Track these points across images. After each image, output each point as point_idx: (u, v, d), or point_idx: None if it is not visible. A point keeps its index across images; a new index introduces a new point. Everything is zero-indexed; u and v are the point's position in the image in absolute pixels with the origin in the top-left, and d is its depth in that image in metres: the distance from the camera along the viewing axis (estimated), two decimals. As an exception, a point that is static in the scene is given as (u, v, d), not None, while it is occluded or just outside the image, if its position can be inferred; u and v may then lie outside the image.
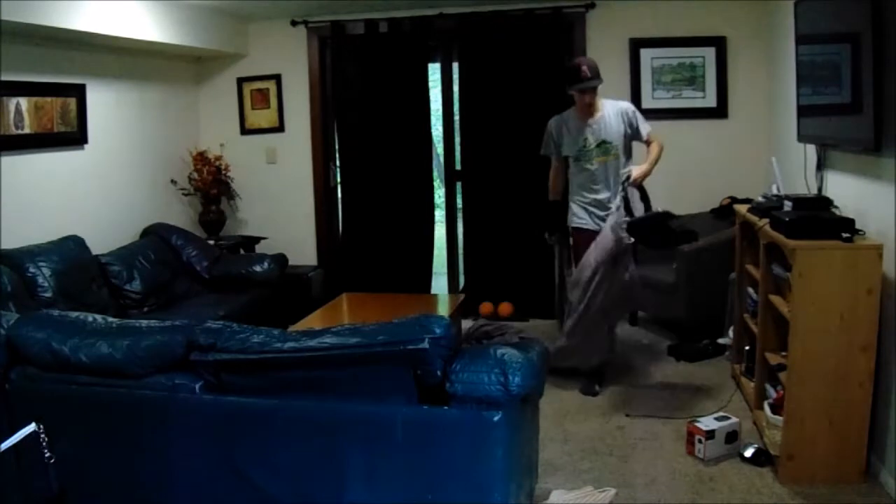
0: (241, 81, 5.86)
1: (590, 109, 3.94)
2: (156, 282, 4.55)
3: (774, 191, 3.70)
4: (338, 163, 5.87)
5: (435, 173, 6.19)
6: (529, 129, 5.33)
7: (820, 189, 3.57)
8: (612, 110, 3.96)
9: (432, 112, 5.80)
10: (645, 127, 3.97)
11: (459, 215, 5.82)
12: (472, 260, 5.67)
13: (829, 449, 2.89)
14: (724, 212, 4.85)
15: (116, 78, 4.91)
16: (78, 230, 4.31)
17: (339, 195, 5.91)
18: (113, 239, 4.68)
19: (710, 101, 5.22)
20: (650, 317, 5.18)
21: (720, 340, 4.49)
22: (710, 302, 4.57)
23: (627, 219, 3.70)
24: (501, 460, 2.22)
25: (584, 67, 3.84)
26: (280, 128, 5.86)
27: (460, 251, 5.80)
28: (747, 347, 3.83)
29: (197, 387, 2.38)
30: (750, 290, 3.88)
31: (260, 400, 2.33)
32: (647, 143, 3.98)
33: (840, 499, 2.81)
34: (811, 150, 3.68)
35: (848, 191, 3.26)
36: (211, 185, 5.58)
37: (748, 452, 3.13)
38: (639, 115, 4.01)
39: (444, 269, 5.94)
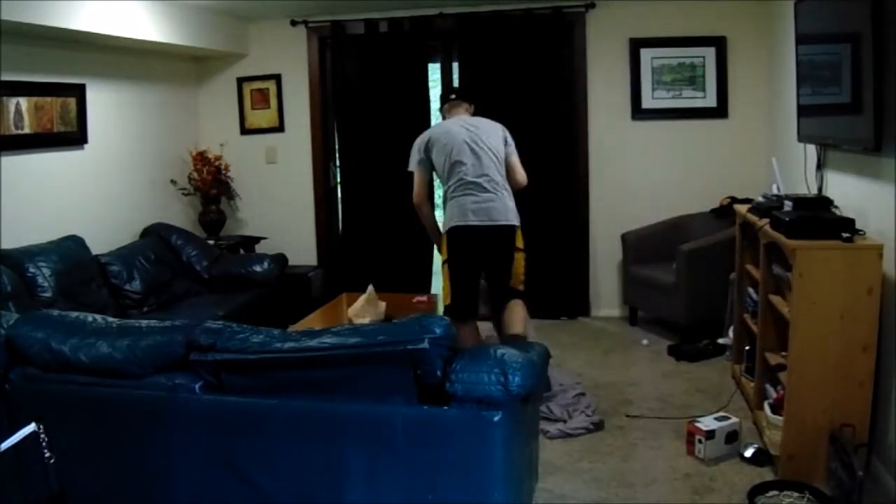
0: (241, 81, 5.86)
1: None
2: (156, 282, 4.55)
3: (774, 191, 3.70)
4: (338, 163, 5.87)
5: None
6: (530, 128, 5.35)
7: (820, 189, 3.57)
8: None
9: (432, 112, 5.79)
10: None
11: (459, 215, 5.80)
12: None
13: (829, 449, 2.88)
14: (724, 212, 4.85)
15: (116, 78, 4.91)
16: (78, 230, 4.31)
17: (339, 195, 5.91)
18: (113, 239, 4.69)
19: (710, 101, 5.22)
20: (650, 317, 5.19)
21: (720, 340, 4.50)
22: (710, 302, 4.57)
23: None
24: (501, 460, 2.22)
25: None
26: (280, 128, 5.86)
27: (460, 251, 5.77)
28: (747, 347, 3.82)
29: (197, 387, 2.37)
30: (750, 290, 3.88)
31: (260, 400, 2.32)
32: None
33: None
34: (811, 150, 3.68)
35: (848, 191, 3.26)
36: (211, 185, 5.58)
37: (748, 452, 3.13)
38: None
39: (444, 269, 5.93)
